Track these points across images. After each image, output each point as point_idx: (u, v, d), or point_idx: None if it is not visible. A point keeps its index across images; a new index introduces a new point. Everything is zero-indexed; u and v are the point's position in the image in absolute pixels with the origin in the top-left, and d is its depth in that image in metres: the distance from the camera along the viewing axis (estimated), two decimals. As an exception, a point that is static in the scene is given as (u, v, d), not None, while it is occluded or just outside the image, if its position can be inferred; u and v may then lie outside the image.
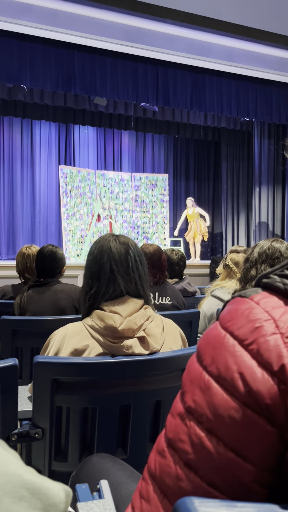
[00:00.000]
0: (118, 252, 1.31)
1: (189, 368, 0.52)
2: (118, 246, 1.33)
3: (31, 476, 0.43)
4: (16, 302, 2.25)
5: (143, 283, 1.33)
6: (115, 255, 1.31)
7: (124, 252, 1.32)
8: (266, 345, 0.46)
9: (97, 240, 1.39)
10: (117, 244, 1.33)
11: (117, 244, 1.33)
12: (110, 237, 1.37)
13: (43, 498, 0.42)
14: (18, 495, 0.40)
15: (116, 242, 1.34)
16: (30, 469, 0.45)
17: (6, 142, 8.67)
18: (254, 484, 0.45)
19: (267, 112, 7.28)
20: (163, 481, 0.48)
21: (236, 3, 5.22)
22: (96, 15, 5.38)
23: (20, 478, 0.41)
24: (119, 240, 1.35)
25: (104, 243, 1.35)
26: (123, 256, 1.31)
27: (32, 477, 0.43)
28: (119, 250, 1.32)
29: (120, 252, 1.31)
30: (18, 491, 0.40)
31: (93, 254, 1.36)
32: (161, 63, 6.39)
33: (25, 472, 0.43)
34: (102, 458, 1.00)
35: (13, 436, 1.20)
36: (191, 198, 8.54)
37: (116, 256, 1.31)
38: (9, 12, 5.14)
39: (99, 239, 1.39)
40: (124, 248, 1.33)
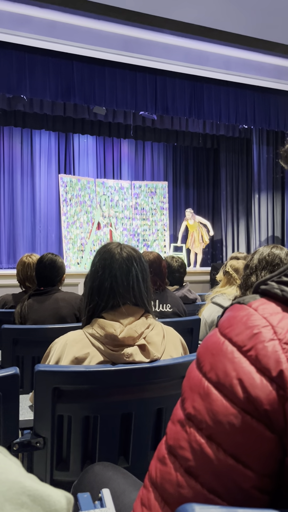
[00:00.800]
0: (120, 269, 1.29)
1: (189, 375, 0.52)
2: (121, 262, 1.30)
3: (32, 483, 0.43)
4: (16, 311, 2.25)
5: (144, 297, 1.31)
6: (117, 272, 1.29)
7: (126, 270, 1.29)
8: (265, 351, 0.46)
9: (101, 251, 1.36)
10: (120, 259, 1.30)
11: (120, 259, 1.30)
12: (115, 249, 1.33)
13: (44, 505, 0.42)
14: (20, 502, 0.40)
15: (120, 257, 1.30)
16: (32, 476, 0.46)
17: (6, 151, 8.72)
18: (254, 490, 0.45)
19: (265, 119, 7.33)
20: (164, 488, 0.48)
21: (233, 13, 5.28)
22: (94, 26, 5.44)
23: (21, 485, 0.41)
24: (123, 256, 1.31)
25: (107, 257, 1.32)
26: (125, 274, 1.29)
27: (33, 484, 0.43)
28: (122, 267, 1.29)
29: (122, 269, 1.29)
30: (19, 498, 0.41)
31: (95, 266, 1.34)
32: (159, 72, 6.44)
33: (26, 479, 0.43)
34: (104, 466, 1.00)
35: (14, 445, 1.20)
36: (190, 210, 8.55)
37: (118, 274, 1.29)
38: (9, 23, 5.20)
39: (103, 250, 1.35)
40: (127, 265, 1.30)
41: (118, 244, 1.36)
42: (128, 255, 1.32)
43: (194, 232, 8.34)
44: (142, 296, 1.31)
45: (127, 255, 1.32)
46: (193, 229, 8.38)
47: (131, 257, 1.32)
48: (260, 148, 8.48)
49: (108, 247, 1.35)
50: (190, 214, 8.41)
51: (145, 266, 1.35)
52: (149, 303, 1.35)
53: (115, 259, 1.31)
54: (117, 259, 1.30)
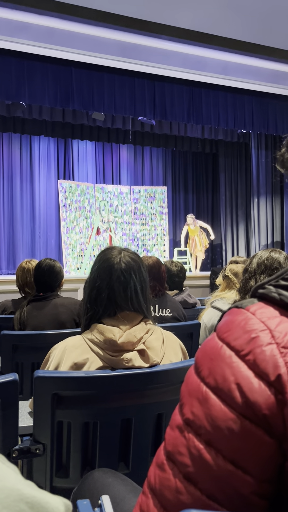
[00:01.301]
0: (118, 280, 1.27)
1: (187, 380, 0.52)
2: (119, 273, 1.27)
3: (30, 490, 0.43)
4: (16, 317, 2.24)
5: (143, 306, 1.30)
6: (114, 284, 1.27)
7: (124, 282, 1.27)
8: (263, 356, 0.46)
9: (101, 258, 1.34)
10: (118, 270, 1.27)
11: (118, 270, 1.27)
12: (114, 258, 1.30)
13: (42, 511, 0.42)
14: (18, 509, 0.40)
15: (118, 267, 1.28)
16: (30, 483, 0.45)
17: (5, 157, 8.74)
18: (253, 495, 0.44)
19: (264, 123, 7.36)
20: (163, 494, 0.47)
21: (230, 18, 5.31)
22: (92, 32, 5.47)
23: (19, 492, 0.41)
24: (121, 267, 1.28)
25: (105, 266, 1.30)
26: (123, 286, 1.27)
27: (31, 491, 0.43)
28: (120, 279, 1.27)
29: (120, 281, 1.27)
30: (17, 505, 0.40)
31: (93, 274, 1.32)
32: (158, 77, 6.47)
33: (24, 486, 0.43)
34: (103, 473, 0.99)
35: (13, 452, 1.19)
36: (192, 216, 8.58)
37: (115, 286, 1.27)
38: (7, 30, 5.23)
39: (103, 258, 1.33)
40: (125, 277, 1.27)
41: (118, 252, 1.33)
42: (127, 265, 1.29)
43: (195, 236, 8.37)
44: (141, 305, 1.30)
45: (126, 266, 1.29)
46: (194, 233, 8.41)
47: (130, 268, 1.29)
48: (258, 153, 8.50)
49: (108, 256, 1.33)
50: (192, 219, 8.45)
51: (145, 276, 1.32)
52: (148, 310, 1.34)
53: (114, 269, 1.28)
54: (115, 270, 1.28)
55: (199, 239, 8.33)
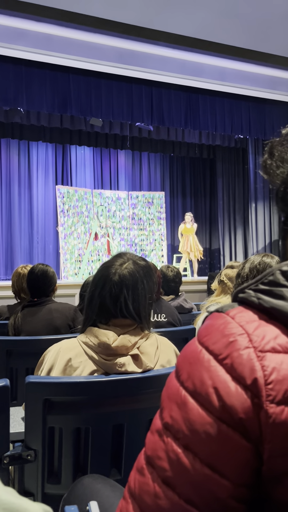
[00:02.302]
0: (110, 292, 1.28)
1: (168, 384, 0.52)
2: (111, 286, 1.28)
3: (8, 496, 0.43)
4: (10, 323, 2.24)
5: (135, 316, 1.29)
6: (106, 294, 1.28)
7: (114, 295, 1.27)
8: (240, 359, 0.46)
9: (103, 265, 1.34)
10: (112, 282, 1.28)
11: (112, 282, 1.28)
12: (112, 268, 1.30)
13: None
14: None
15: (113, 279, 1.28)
16: (9, 490, 0.45)
17: (3, 163, 8.77)
18: (231, 500, 0.44)
19: (261, 129, 7.39)
20: (142, 499, 0.47)
21: (227, 25, 5.35)
22: (90, 39, 5.50)
23: None
24: (115, 280, 1.27)
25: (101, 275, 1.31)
26: (113, 298, 1.28)
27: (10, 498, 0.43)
28: (111, 291, 1.28)
29: (111, 293, 1.28)
30: None
31: (93, 279, 1.34)
32: (155, 84, 6.51)
33: (2, 492, 0.43)
34: (93, 479, 0.99)
35: (5, 458, 1.18)
36: (190, 214, 8.58)
37: (107, 296, 1.28)
38: (5, 37, 5.26)
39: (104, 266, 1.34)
40: (116, 291, 1.27)
41: (121, 263, 1.31)
42: (121, 280, 1.27)
43: (190, 236, 8.32)
44: (132, 315, 1.29)
45: (119, 280, 1.27)
46: (189, 232, 8.36)
47: (123, 283, 1.27)
48: (256, 158, 8.53)
49: (109, 264, 1.33)
50: (190, 217, 8.42)
51: (140, 292, 1.29)
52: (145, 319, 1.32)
53: (108, 280, 1.29)
54: (109, 281, 1.28)
55: (194, 239, 8.30)
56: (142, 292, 1.29)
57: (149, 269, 1.35)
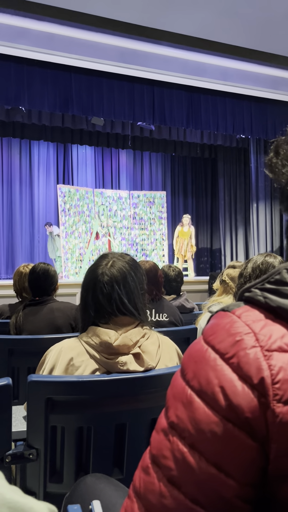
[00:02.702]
0: (101, 292, 1.28)
1: (173, 383, 0.52)
2: (101, 286, 1.29)
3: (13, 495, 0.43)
4: (11, 322, 2.24)
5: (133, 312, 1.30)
6: (99, 296, 1.29)
7: (107, 294, 1.28)
8: (246, 359, 0.46)
9: (89, 269, 1.36)
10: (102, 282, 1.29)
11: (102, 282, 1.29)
12: (100, 269, 1.32)
13: None
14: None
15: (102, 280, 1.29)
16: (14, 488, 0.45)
17: (5, 162, 8.77)
18: (236, 499, 0.44)
19: (263, 129, 7.39)
20: (147, 498, 0.47)
21: (229, 24, 5.34)
22: (92, 38, 5.50)
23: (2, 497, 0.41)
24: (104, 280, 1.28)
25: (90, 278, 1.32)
26: (106, 297, 1.28)
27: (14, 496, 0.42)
28: (102, 291, 1.28)
29: (103, 293, 1.28)
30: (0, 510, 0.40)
31: (83, 284, 1.36)
32: (157, 83, 6.50)
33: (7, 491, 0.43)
34: (96, 478, 0.99)
35: (7, 457, 1.18)
36: (188, 216, 8.57)
37: (100, 297, 1.29)
38: (7, 36, 5.25)
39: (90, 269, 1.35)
40: (107, 289, 1.28)
41: (107, 263, 1.33)
42: (111, 278, 1.29)
43: (185, 240, 8.32)
44: (131, 311, 1.30)
45: (108, 278, 1.29)
46: (185, 236, 8.36)
47: (113, 280, 1.29)
48: (257, 158, 8.52)
49: (94, 267, 1.34)
50: (188, 220, 8.42)
51: (132, 286, 1.31)
52: (142, 315, 1.34)
53: (97, 281, 1.30)
54: (98, 282, 1.30)
55: (189, 243, 8.31)
56: (133, 284, 1.32)
57: (134, 261, 1.38)
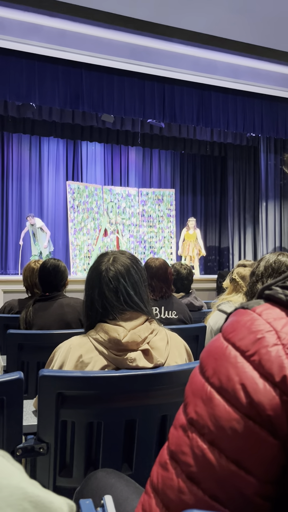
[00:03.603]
0: (107, 287, 1.30)
1: (192, 380, 0.52)
2: (107, 281, 1.30)
3: (34, 489, 0.43)
4: (21, 317, 2.25)
5: (140, 305, 1.31)
6: (105, 292, 1.30)
7: (114, 288, 1.30)
8: (268, 356, 0.45)
9: (92, 267, 1.38)
10: (106, 278, 1.31)
11: (106, 278, 1.31)
12: (103, 265, 1.34)
13: (46, 511, 0.41)
14: (21, 508, 0.40)
15: (106, 275, 1.31)
16: (34, 482, 0.45)
17: (15, 158, 8.80)
18: (256, 497, 0.44)
19: (273, 127, 7.34)
20: (166, 494, 0.47)
21: (241, 22, 5.31)
22: (103, 34, 5.49)
23: (23, 490, 0.41)
24: (109, 274, 1.31)
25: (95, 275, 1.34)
26: (113, 291, 1.30)
27: (35, 490, 0.43)
28: (108, 286, 1.30)
29: (110, 288, 1.30)
30: (21, 504, 0.40)
31: (86, 283, 1.37)
32: (168, 80, 6.49)
33: (28, 485, 0.43)
34: (107, 473, 0.99)
35: (17, 450, 1.19)
36: (193, 219, 8.53)
37: (107, 293, 1.30)
38: (19, 32, 5.27)
39: (92, 268, 1.37)
40: (113, 283, 1.30)
41: (108, 259, 1.35)
42: (115, 272, 1.31)
43: (191, 242, 8.29)
44: (138, 304, 1.31)
45: (113, 272, 1.31)
46: (191, 239, 8.33)
47: (118, 273, 1.31)
48: (267, 156, 8.48)
49: (96, 265, 1.36)
50: (193, 223, 8.40)
51: (136, 278, 1.33)
52: (147, 307, 1.35)
53: (102, 277, 1.32)
54: (103, 277, 1.31)
55: (195, 245, 8.29)
56: (137, 276, 1.34)
57: (133, 256, 1.41)
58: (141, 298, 1.33)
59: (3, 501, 0.39)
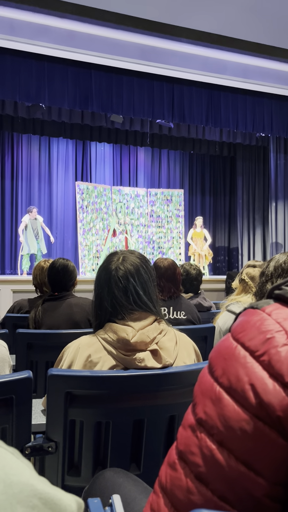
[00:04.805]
0: (117, 287, 1.30)
1: (201, 380, 0.51)
2: (117, 280, 1.31)
3: (44, 486, 0.43)
4: (31, 317, 2.26)
5: (149, 304, 1.31)
6: (115, 291, 1.30)
7: (123, 287, 1.30)
8: (278, 356, 0.45)
9: (101, 267, 1.38)
10: (116, 277, 1.31)
11: (116, 277, 1.31)
12: (113, 264, 1.34)
13: (55, 508, 0.42)
14: (31, 505, 0.40)
15: (116, 274, 1.31)
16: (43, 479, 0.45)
17: (24, 158, 8.85)
18: (265, 498, 0.44)
19: (283, 127, 7.29)
20: (174, 494, 0.47)
21: (250, 21, 5.28)
22: (112, 35, 5.50)
23: (33, 487, 0.41)
24: (119, 274, 1.31)
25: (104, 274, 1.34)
26: (123, 291, 1.30)
27: (45, 487, 0.43)
28: (118, 285, 1.30)
29: (119, 287, 1.30)
30: (30, 500, 0.40)
31: (96, 282, 1.37)
32: (177, 80, 6.48)
33: (38, 482, 0.43)
34: (115, 473, 0.99)
35: (26, 449, 1.20)
36: (201, 218, 8.55)
37: (116, 292, 1.30)
38: (29, 33, 5.30)
39: (102, 267, 1.38)
40: (123, 282, 1.30)
41: (117, 259, 1.36)
42: (124, 271, 1.32)
43: (198, 239, 8.31)
44: (147, 304, 1.32)
45: (123, 272, 1.32)
46: (198, 237, 8.35)
47: (127, 273, 1.32)
48: (277, 156, 8.43)
49: (106, 264, 1.37)
50: (200, 222, 8.42)
51: (145, 277, 1.34)
52: (156, 307, 1.35)
53: (112, 276, 1.32)
54: (113, 277, 1.32)
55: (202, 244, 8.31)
56: (146, 276, 1.35)
57: (142, 256, 1.42)
58: (150, 298, 1.33)
59: (13, 497, 0.39)
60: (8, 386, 1.15)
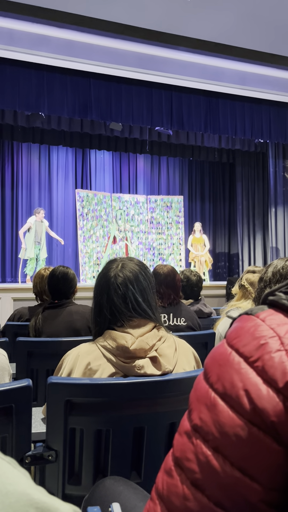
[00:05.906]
0: (116, 294, 1.31)
1: (196, 386, 0.52)
2: (116, 287, 1.31)
3: (41, 495, 0.43)
4: (31, 325, 2.26)
5: (148, 312, 1.32)
6: (114, 298, 1.31)
7: (122, 295, 1.31)
8: (271, 362, 0.45)
9: (100, 274, 1.39)
10: (115, 284, 1.32)
11: (115, 284, 1.32)
12: (112, 272, 1.35)
13: None
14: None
15: (115, 282, 1.32)
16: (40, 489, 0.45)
17: (24, 167, 8.90)
18: (261, 504, 0.44)
19: (281, 133, 7.34)
20: (170, 501, 0.47)
21: (248, 29, 5.33)
22: (111, 44, 5.56)
23: (29, 497, 0.41)
24: (118, 281, 1.32)
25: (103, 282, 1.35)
26: (122, 298, 1.30)
27: (42, 497, 0.43)
28: (117, 292, 1.31)
29: (118, 294, 1.31)
30: (27, 510, 0.40)
31: (95, 290, 1.37)
32: (175, 88, 6.53)
33: (34, 491, 0.43)
34: (115, 481, 0.99)
35: (26, 458, 1.19)
36: (200, 224, 8.60)
37: (115, 299, 1.31)
38: (28, 43, 5.35)
39: (101, 274, 1.38)
40: (121, 290, 1.31)
41: (116, 266, 1.37)
42: (123, 278, 1.33)
43: (198, 245, 8.35)
44: (146, 311, 1.32)
45: (122, 279, 1.32)
46: (198, 242, 8.38)
47: (126, 280, 1.32)
48: (276, 162, 8.45)
49: (104, 271, 1.37)
50: (199, 227, 8.45)
51: (144, 284, 1.35)
52: (155, 314, 1.35)
53: (111, 283, 1.33)
54: (112, 284, 1.32)
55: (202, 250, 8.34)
56: (145, 283, 1.35)
57: (141, 263, 1.42)
58: (149, 304, 1.33)
59: (9, 507, 0.39)
60: (8, 394, 1.15)
